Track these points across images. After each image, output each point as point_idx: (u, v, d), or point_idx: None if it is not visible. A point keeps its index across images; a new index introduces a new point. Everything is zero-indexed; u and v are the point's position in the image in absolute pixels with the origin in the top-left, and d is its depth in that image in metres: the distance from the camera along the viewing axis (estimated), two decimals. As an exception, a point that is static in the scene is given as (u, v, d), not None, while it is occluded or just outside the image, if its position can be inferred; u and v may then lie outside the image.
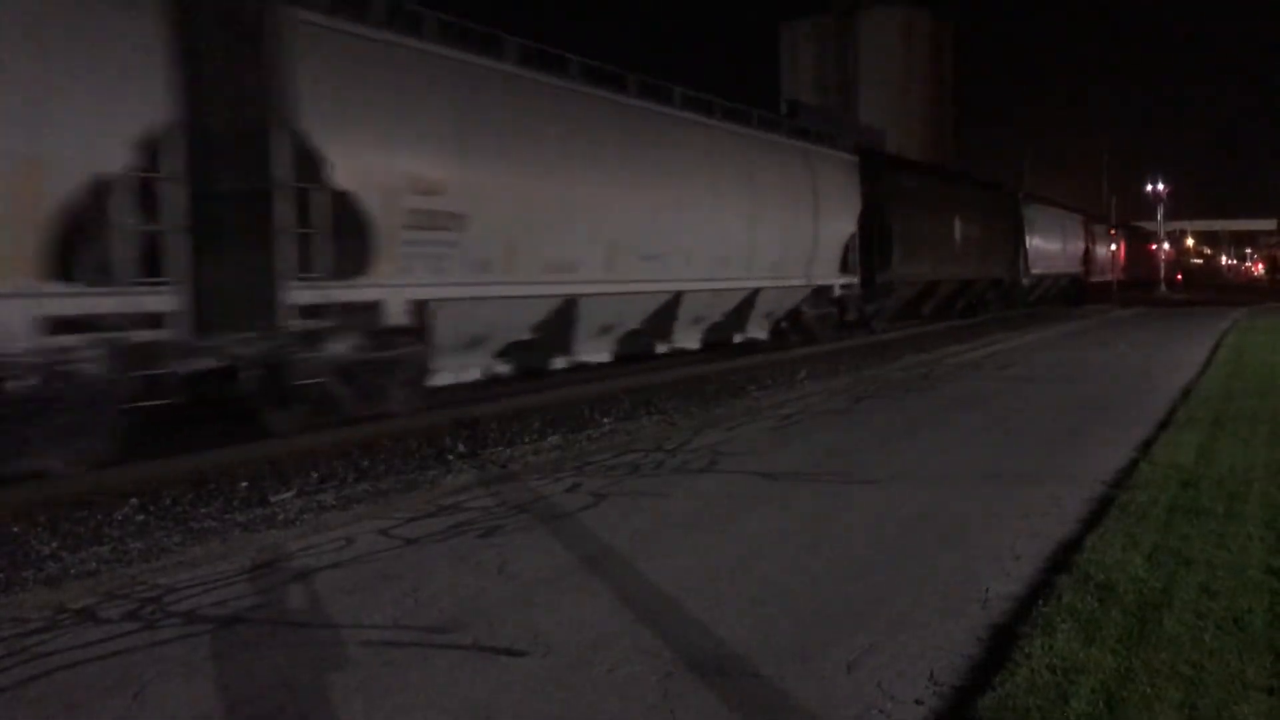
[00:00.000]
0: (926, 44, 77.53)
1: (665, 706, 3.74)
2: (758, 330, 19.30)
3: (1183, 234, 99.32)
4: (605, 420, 11.43)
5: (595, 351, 14.92)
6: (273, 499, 7.73)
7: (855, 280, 22.02)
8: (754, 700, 3.82)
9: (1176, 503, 6.38)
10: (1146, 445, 8.56)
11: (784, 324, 20.39)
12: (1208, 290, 64.24)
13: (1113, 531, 5.72)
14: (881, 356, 18.69)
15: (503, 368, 13.24)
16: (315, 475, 8.54)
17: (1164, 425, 9.56)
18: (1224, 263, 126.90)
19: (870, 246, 22.83)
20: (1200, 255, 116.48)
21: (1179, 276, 79.68)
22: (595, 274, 13.84)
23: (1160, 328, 25.92)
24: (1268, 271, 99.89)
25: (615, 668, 4.10)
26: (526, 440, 10.15)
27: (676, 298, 15.91)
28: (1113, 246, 53.66)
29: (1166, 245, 71.75)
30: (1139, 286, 58.56)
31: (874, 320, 24.18)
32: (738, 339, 18.72)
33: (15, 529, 6.92)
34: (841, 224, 21.30)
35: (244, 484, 8.20)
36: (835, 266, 21.21)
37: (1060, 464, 8.09)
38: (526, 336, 13.30)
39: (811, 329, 20.86)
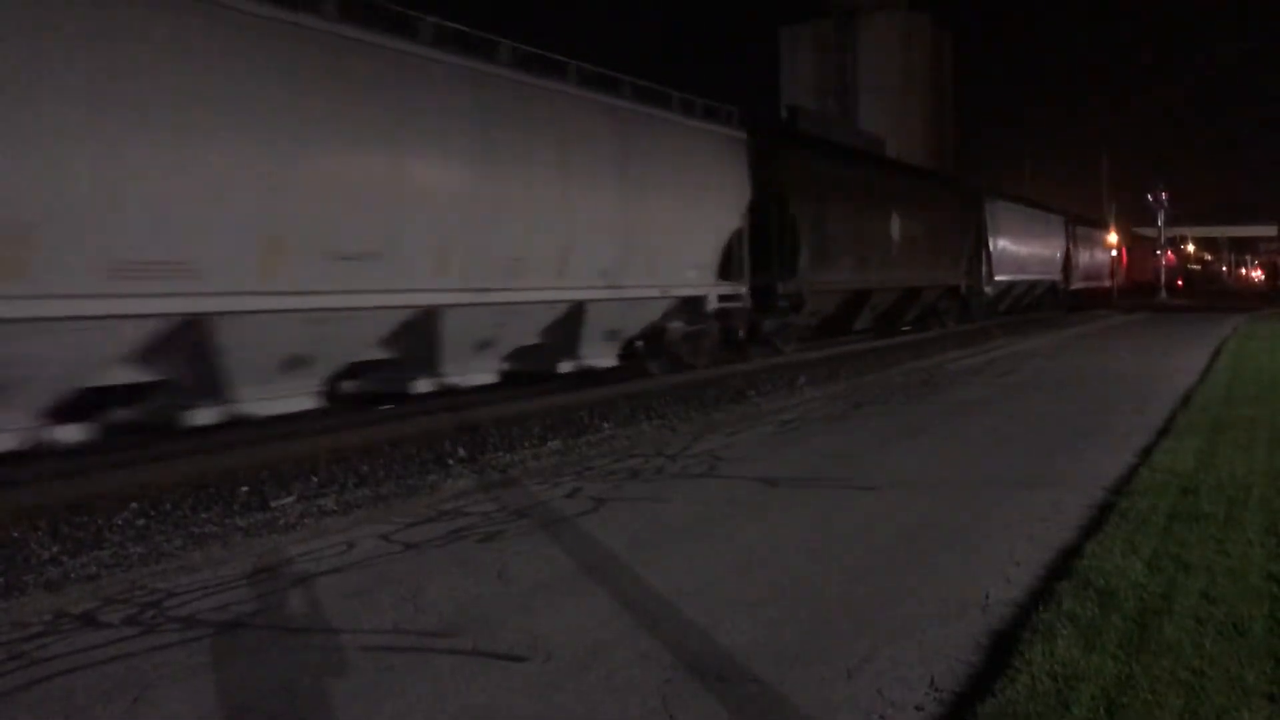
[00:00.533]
0: (927, 49, 77.57)
1: (664, 711, 3.74)
2: (597, 355, 14.45)
3: (1183, 240, 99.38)
4: (605, 425, 11.43)
5: (281, 397, 9.87)
6: (273, 503, 7.73)
7: (743, 289, 17.34)
8: (753, 705, 3.82)
9: (1176, 509, 6.38)
10: (1146, 451, 8.55)
11: (639, 345, 15.75)
12: (1208, 296, 64.25)
13: (1113, 537, 5.72)
14: (882, 362, 18.69)
15: (69, 433, 8.29)
16: (315, 480, 8.54)
17: (1164, 431, 9.56)
18: (1224, 269, 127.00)
19: (769, 247, 18.27)
20: (1200, 261, 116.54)
21: (1179, 282, 79.72)
22: (240, 281, 8.97)
23: (1160, 333, 25.93)
24: (1268, 277, 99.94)
25: (615, 673, 4.10)
26: (527, 445, 10.15)
27: (428, 315, 11.10)
28: (1112, 253, 53.41)
29: (1169, 251, 71.74)
30: (1140, 292, 58.60)
31: (777, 339, 19.57)
32: (566, 368, 13.93)
33: (15, 533, 6.92)
34: (719, 217, 16.66)
35: (244, 488, 8.20)
36: (710, 272, 16.54)
37: (1060, 470, 8.09)
38: (109, 380, 8.47)
39: (678, 352, 16.44)
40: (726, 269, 16.95)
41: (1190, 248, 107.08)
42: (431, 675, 4.13)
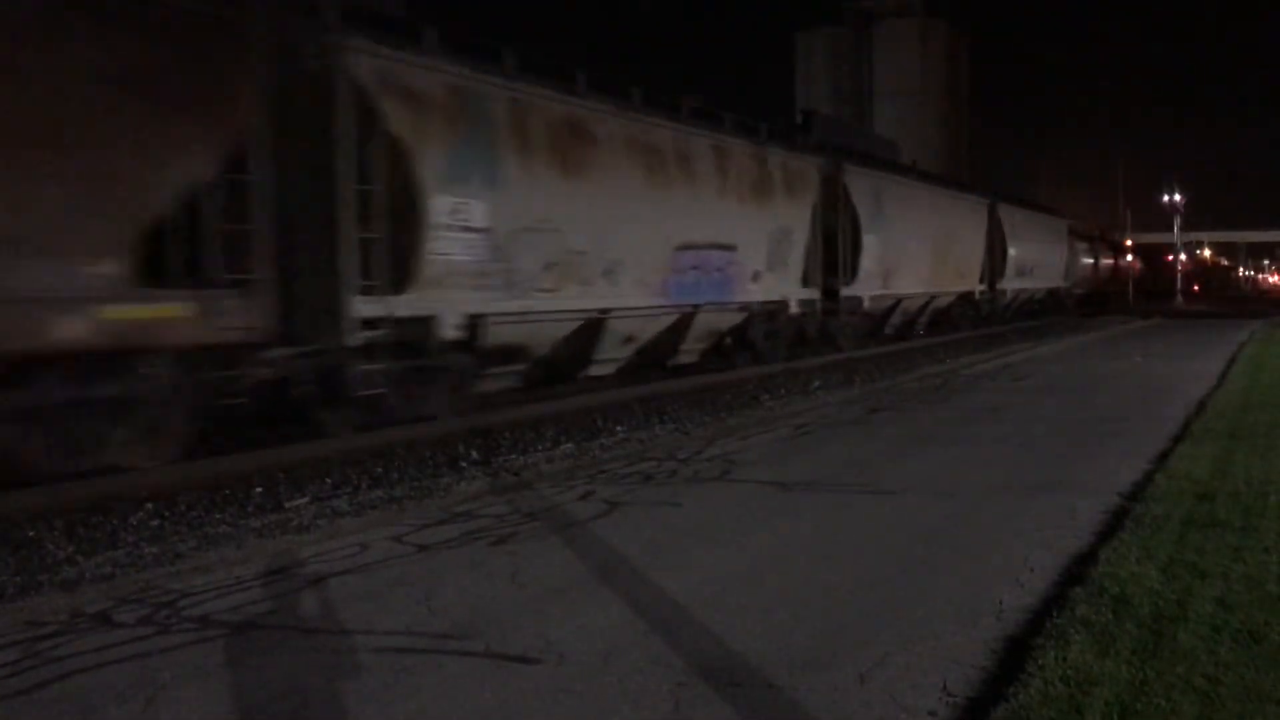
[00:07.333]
0: (942, 54, 77.44)
1: (677, 716, 3.74)
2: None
3: (1200, 244, 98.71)
4: (619, 429, 11.44)
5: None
6: (287, 505, 7.76)
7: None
8: (766, 710, 3.81)
9: (1192, 515, 6.34)
10: (1162, 457, 8.50)
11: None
12: (1225, 301, 63.85)
13: (1127, 544, 5.69)
14: (896, 367, 18.65)
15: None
16: (329, 481, 8.57)
17: (1179, 438, 9.50)
18: (1241, 274, 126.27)
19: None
20: (1216, 266, 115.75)
21: (1196, 287, 79.25)
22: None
23: (1176, 339, 25.77)
24: None
25: (627, 676, 4.10)
26: (540, 448, 10.16)
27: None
28: (1129, 258, 52.83)
29: (1183, 256, 71.28)
30: (1156, 297, 58.26)
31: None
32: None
33: (31, 533, 6.96)
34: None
35: (259, 490, 8.23)
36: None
37: (1074, 476, 8.06)
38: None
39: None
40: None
41: (1207, 252, 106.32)
42: (444, 677, 4.14)
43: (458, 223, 11.25)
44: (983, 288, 30.82)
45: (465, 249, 11.39)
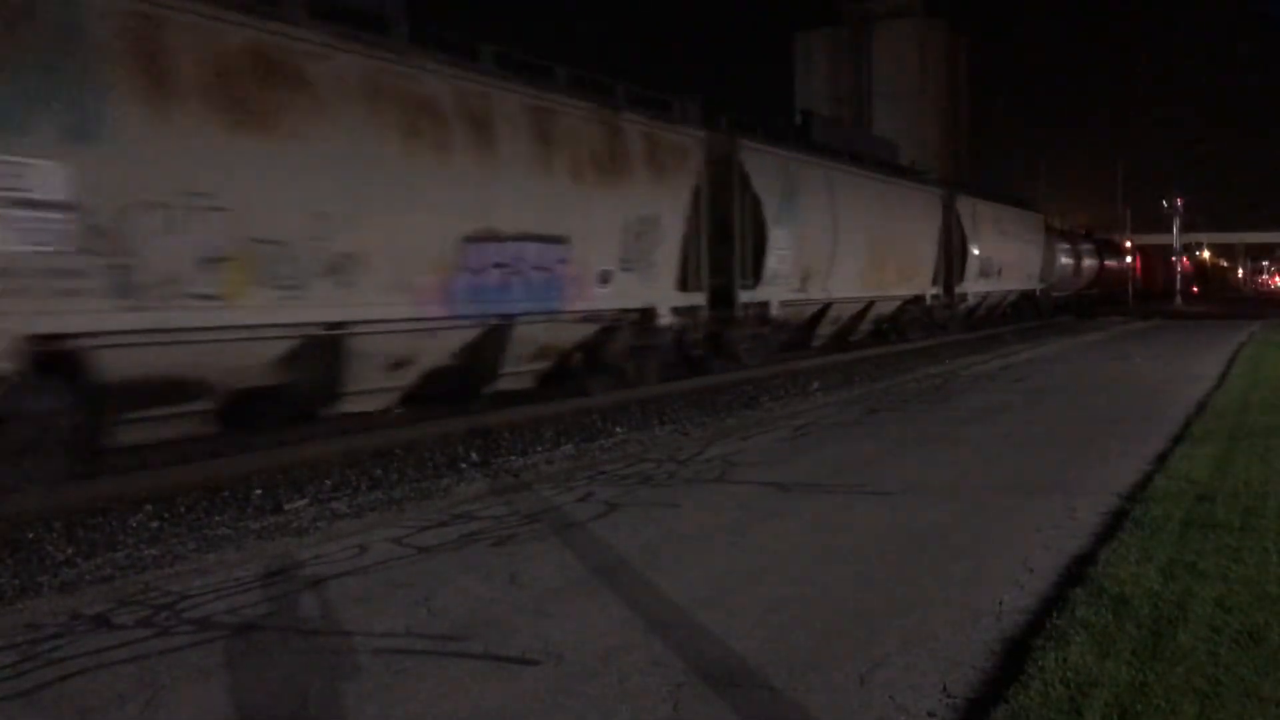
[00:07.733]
0: (941, 55, 77.46)
1: (676, 717, 3.74)
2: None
3: (1199, 245, 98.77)
4: (618, 430, 11.43)
5: None
6: (286, 507, 7.76)
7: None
8: (766, 711, 3.81)
9: (1192, 516, 6.34)
10: (1162, 458, 8.50)
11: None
12: (1224, 302, 63.87)
13: (1127, 545, 5.69)
14: (895, 367, 18.65)
15: None
16: (329, 483, 8.57)
17: (1179, 439, 9.50)
18: (1240, 275, 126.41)
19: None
20: (1215, 267, 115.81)
21: (1195, 289, 79.28)
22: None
23: (1176, 340, 25.76)
24: None
25: (626, 677, 4.10)
26: (539, 449, 10.15)
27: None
28: (1127, 259, 52.79)
29: (1184, 257, 71.29)
30: (1155, 298, 58.28)
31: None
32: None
33: (30, 535, 6.96)
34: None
35: (258, 491, 8.23)
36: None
37: (1074, 477, 8.06)
38: None
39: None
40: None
41: (1206, 254, 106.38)
42: (443, 678, 4.14)
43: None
44: (935, 291, 26.92)
45: (22, 235, 7.49)
